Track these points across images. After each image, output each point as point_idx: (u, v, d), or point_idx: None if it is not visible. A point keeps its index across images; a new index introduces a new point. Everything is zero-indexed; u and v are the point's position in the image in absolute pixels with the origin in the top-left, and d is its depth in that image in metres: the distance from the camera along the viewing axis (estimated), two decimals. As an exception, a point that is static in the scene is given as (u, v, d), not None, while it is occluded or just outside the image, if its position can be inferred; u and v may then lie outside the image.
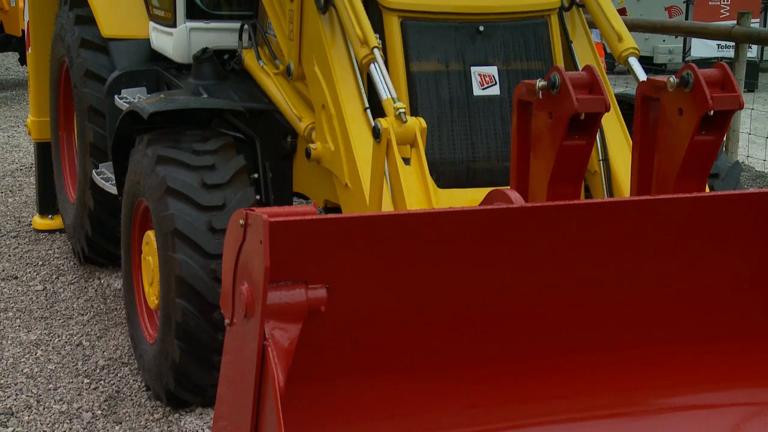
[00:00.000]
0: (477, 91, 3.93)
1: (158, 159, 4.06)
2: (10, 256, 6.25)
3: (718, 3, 17.21)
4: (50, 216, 6.68)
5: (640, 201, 2.63)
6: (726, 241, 2.65)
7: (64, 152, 6.32)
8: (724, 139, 4.63)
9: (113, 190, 4.87)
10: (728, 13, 16.72)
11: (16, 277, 5.88)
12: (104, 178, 5.11)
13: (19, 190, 7.84)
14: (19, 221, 6.98)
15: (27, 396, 4.40)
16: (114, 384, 4.50)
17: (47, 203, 6.65)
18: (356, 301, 2.34)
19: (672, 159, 3.04)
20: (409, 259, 2.35)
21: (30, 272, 5.97)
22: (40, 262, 6.13)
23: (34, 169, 7.02)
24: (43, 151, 6.58)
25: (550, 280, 2.53)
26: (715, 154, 3.07)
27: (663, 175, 3.09)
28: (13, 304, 5.46)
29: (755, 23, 15.87)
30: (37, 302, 5.50)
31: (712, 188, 4.10)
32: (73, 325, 5.16)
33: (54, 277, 5.89)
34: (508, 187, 3.18)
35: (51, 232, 6.68)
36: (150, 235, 4.23)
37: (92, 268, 5.97)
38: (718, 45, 15.94)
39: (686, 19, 16.78)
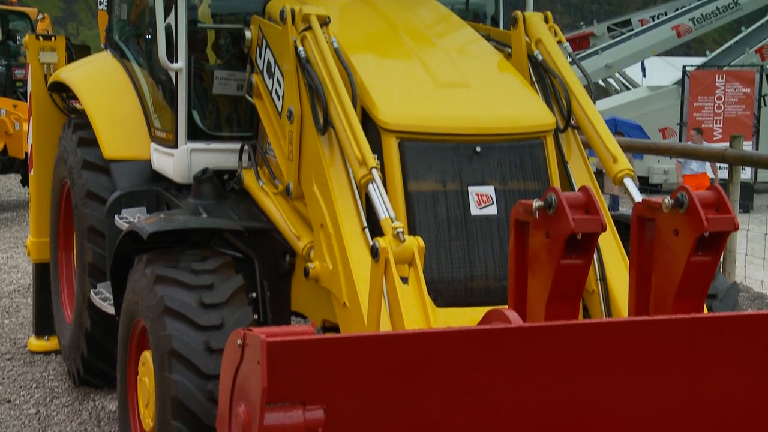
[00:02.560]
0: (474, 210, 3.95)
1: (157, 278, 4.06)
2: (3, 378, 6.18)
3: (711, 126, 17.51)
4: (46, 337, 6.64)
5: (638, 321, 2.63)
6: (725, 362, 2.63)
7: (62, 273, 6.33)
8: (721, 259, 4.64)
9: (111, 310, 4.86)
10: (721, 135, 17.01)
11: (9, 401, 5.79)
12: (102, 298, 5.10)
13: (16, 311, 7.81)
14: (14, 343, 6.92)
15: None
16: None
17: (43, 324, 6.61)
18: (354, 422, 2.31)
19: (669, 279, 3.04)
20: (408, 379, 2.33)
21: (24, 395, 5.89)
22: (34, 385, 6.06)
23: (31, 290, 7.00)
24: (42, 271, 6.58)
25: (548, 401, 2.50)
26: (711, 275, 3.08)
27: (661, 295, 3.09)
28: (5, 429, 5.36)
29: (747, 145, 16.13)
30: (30, 426, 5.41)
31: (710, 309, 4.09)
32: (66, 449, 5.07)
33: (48, 399, 5.81)
34: (506, 306, 3.18)
35: (46, 353, 6.62)
36: (147, 356, 4.20)
37: (87, 389, 5.90)
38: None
39: (680, 140, 17.06)
